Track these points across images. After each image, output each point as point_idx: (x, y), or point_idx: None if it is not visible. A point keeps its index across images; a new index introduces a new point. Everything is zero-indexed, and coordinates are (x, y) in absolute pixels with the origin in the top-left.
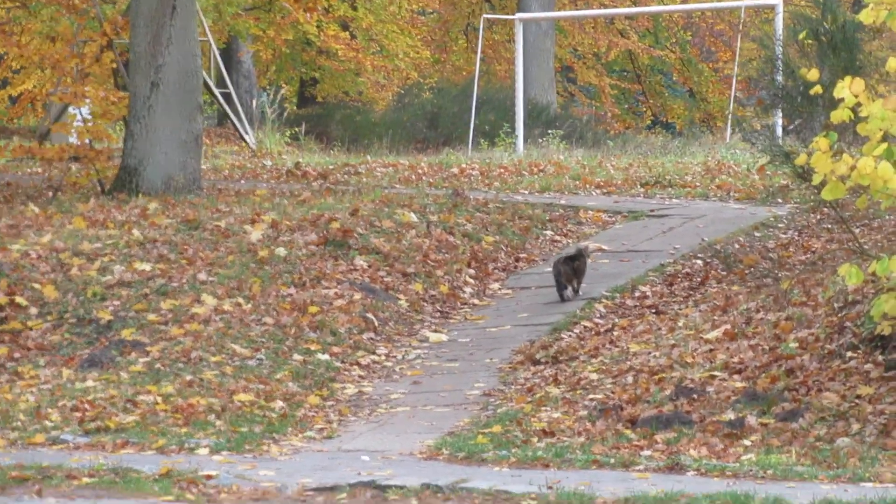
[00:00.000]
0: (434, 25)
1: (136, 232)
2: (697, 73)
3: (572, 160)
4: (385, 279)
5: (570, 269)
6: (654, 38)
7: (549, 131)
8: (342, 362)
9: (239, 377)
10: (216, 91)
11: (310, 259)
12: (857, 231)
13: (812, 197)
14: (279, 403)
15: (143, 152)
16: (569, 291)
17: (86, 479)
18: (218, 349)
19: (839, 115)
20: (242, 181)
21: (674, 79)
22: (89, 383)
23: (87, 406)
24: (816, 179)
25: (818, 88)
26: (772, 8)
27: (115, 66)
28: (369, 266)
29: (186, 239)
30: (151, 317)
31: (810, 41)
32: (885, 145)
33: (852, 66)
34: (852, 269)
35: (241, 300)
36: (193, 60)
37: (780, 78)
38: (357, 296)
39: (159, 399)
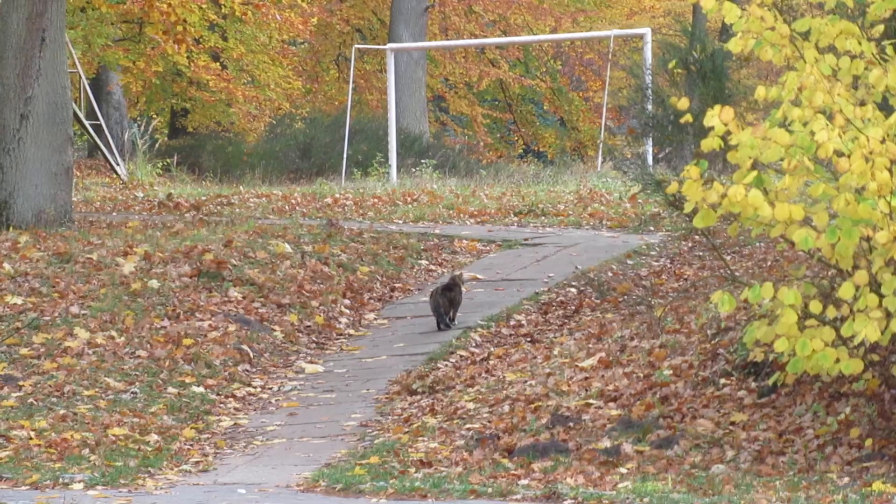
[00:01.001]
0: (305, 56)
1: (6, 266)
2: (568, 102)
3: (446, 189)
4: (260, 310)
5: (447, 300)
6: (524, 67)
7: (423, 161)
8: (217, 395)
9: (113, 411)
10: (86, 122)
11: (183, 291)
12: (728, 258)
13: (684, 225)
14: (154, 437)
15: (13, 185)
16: (445, 321)
17: None
18: (91, 383)
19: (709, 143)
20: (114, 213)
21: (545, 108)
22: None
23: None
24: (688, 207)
25: (688, 117)
26: (640, 37)
27: None
28: (244, 297)
29: (58, 272)
30: (24, 351)
31: (680, 70)
32: (755, 173)
33: (721, 94)
34: (725, 296)
35: (114, 333)
36: (63, 92)
37: (650, 107)
38: (232, 327)
39: (32, 434)
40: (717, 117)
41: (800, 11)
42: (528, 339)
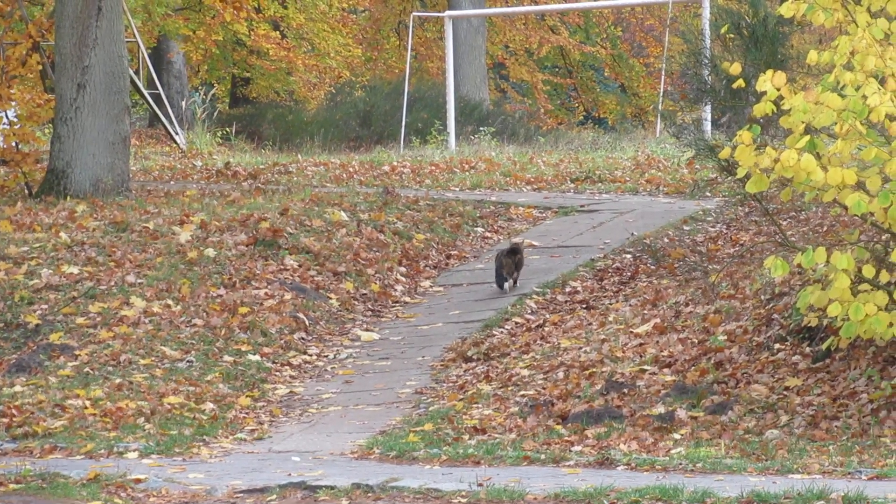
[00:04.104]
0: (365, 24)
1: (63, 235)
2: (628, 68)
3: (504, 157)
4: (316, 278)
5: (512, 262)
6: (584, 33)
7: (481, 128)
8: (273, 363)
9: (169, 379)
10: (145, 92)
11: (239, 259)
12: (784, 224)
13: (740, 190)
14: (209, 405)
15: (71, 154)
16: (508, 283)
17: (12, 486)
18: (147, 352)
19: (762, 108)
20: (172, 182)
21: (605, 74)
22: (17, 388)
23: (14, 411)
24: (741, 173)
25: (740, 82)
26: (700, 2)
27: (41, 68)
28: (300, 265)
29: (115, 241)
30: (80, 320)
31: (732, 35)
32: (807, 138)
33: (774, 59)
34: (777, 261)
35: (170, 302)
36: (120, 62)
37: (705, 72)
38: (288, 296)
39: (88, 403)
40: (770, 82)
41: None
42: (584, 306)
